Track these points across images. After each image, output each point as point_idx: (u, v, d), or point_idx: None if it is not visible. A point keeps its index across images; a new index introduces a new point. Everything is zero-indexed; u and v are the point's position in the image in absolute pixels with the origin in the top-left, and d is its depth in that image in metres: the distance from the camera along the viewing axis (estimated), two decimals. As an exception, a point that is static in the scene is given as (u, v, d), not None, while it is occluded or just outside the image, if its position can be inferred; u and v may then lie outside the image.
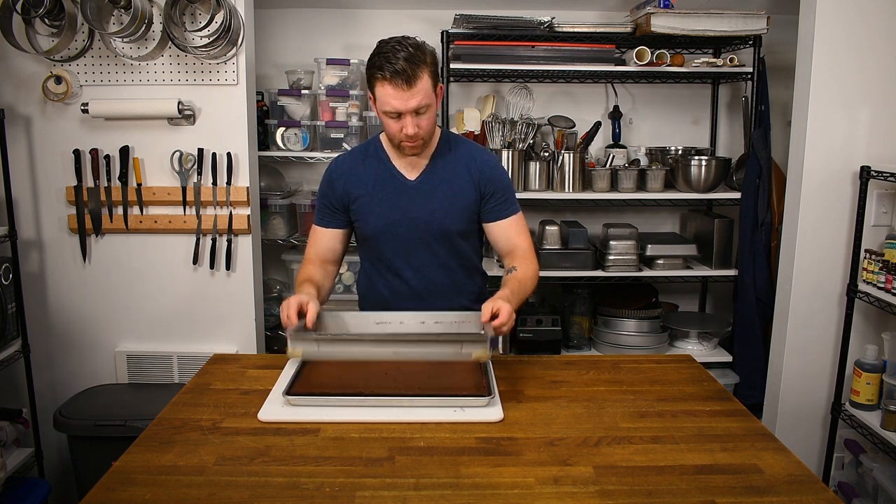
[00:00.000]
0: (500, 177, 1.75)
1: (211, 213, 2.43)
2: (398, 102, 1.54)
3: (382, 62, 1.53)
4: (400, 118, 1.57)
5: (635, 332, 2.74)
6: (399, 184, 1.72)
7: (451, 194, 1.71)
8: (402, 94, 1.53)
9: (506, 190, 1.74)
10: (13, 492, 2.21)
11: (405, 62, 1.51)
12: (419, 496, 1.12)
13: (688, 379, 1.63)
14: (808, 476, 1.20)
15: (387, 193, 1.71)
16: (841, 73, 2.31)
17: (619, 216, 3.07)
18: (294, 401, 1.43)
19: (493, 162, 1.77)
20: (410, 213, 1.70)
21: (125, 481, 1.17)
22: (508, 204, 1.74)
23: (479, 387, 1.48)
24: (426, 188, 1.71)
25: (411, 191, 1.71)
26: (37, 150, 2.40)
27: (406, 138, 1.60)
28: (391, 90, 1.53)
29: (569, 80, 3.01)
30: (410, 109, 1.55)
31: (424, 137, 1.63)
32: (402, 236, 1.72)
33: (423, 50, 1.57)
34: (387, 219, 1.71)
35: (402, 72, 1.51)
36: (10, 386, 2.46)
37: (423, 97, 1.55)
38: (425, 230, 1.71)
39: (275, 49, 2.96)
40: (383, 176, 1.72)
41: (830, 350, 2.45)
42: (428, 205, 1.70)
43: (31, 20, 2.23)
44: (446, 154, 1.74)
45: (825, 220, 2.39)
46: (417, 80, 1.53)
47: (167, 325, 2.49)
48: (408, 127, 1.57)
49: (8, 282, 2.24)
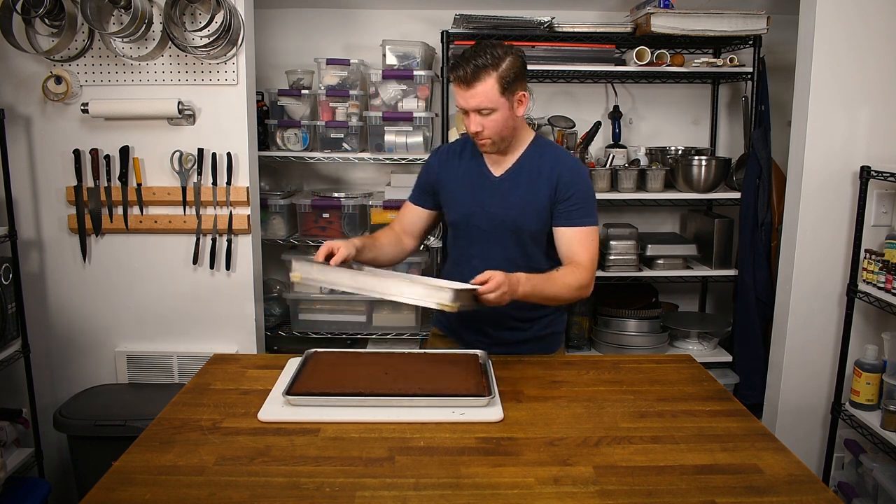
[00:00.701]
0: (578, 184, 1.74)
1: (211, 213, 2.43)
2: (461, 100, 1.67)
3: (455, 62, 1.66)
4: (467, 115, 1.68)
5: (635, 332, 2.74)
6: (484, 178, 1.79)
7: (530, 194, 1.75)
8: (463, 93, 1.66)
9: (581, 199, 1.73)
10: (13, 492, 2.21)
11: (472, 66, 1.62)
12: (419, 496, 1.13)
13: (688, 379, 1.63)
14: (808, 476, 1.20)
15: (472, 186, 1.80)
16: (841, 73, 2.31)
17: (619, 216, 3.07)
18: (294, 401, 1.43)
19: (576, 168, 1.78)
20: (489, 206, 1.77)
21: (125, 481, 1.17)
22: (581, 214, 1.73)
23: (479, 387, 1.48)
24: (507, 185, 1.77)
25: (493, 185, 1.78)
26: (37, 150, 2.40)
27: (475, 135, 1.70)
28: (456, 88, 1.67)
29: (569, 80, 3.01)
30: (471, 108, 1.66)
31: (491, 137, 1.70)
32: (478, 228, 1.78)
33: (497, 58, 1.62)
34: (467, 209, 1.79)
35: (463, 74, 1.63)
36: (10, 386, 2.46)
37: (482, 100, 1.63)
38: (500, 225, 1.76)
39: (275, 49, 2.96)
40: (472, 169, 1.81)
41: (830, 350, 2.45)
42: (506, 201, 1.76)
43: (31, 20, 2.22)
44: (534, 156, 1.78)
45: (825, 220, 2.39)
46: (477, 83, 1.62)
47: (167, 325, 2.49)
48: (470, 125, 1.68)
49: (8, 282, 2.24)
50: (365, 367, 1.61)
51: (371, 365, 1.62)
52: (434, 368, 1.60)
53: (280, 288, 3.02)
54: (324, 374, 1.56)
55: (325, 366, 1.61)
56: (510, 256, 1.77)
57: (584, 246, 1.72)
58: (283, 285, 3.02)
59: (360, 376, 1.55)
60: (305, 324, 2.86)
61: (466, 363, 1.63)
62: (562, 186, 1.73)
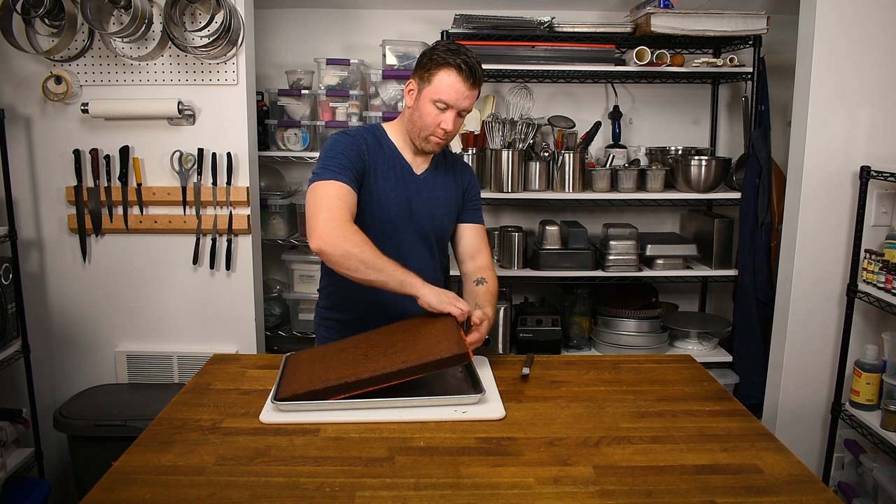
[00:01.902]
0: (477, 186, 1.88)
1: (211, 213, 2.43)
2: (456, 95, 1.59)
3: (457, 54, 1.59)
4: (445, 111, 1.61)
5: (635, 332, 2.74)
6: (409, 174, 1.73)
7: (449, 195, 1.78)
8: (464, 89, 1.59)
9: (479, 198, 1.88)
10: (13, 492, 2.21)
11: (477, 63, 1.61)
12: (419, 496, 1.12)
13: (688, 379, 1.63)
14: (808, 476, 1.20)
15: (398, 180, 1.71)
16: (841, 73, 2.31)
17: (619, 216, 3.07)
18: (284, 406, 1.39)
19: (473, 172, 1.91)
20: (417, 204, 1.72)
21: (125, 481, 1.17)
22: (480, 212, 1.87)
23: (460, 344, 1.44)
24: (431, 184, 1.75)
25: (419, 183, 1.74)
26: (37, 150, 2.40)
27: (441, 133, 1.64)
28: (456, 81, 1.58)
29: (569, 80, 3.01)
30: (461, 108, 1.61)
31: (450, 140, 1.69)
32: (407, 228, 1.72)
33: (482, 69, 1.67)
34: (399, 207, 1.69)
35: (474, 69, 1.59)
36: (10, 386, 2.46)
37: (472, 103, 1.63)
38: (428, 225, 1.74)
39: (275, 49, 2.96)
40: (395, 163, 1.72)
41: (830, 350, 2.45)
42: (433, 200, 1.75)
43: (31, 20, 2.23)
44: (441, 159, 1.81)
45: (825, 220, 2.39)
46: (477, 87, 1.62)
47: (167, 325, 2.50)
48: (448, 122, 1.62)
49: (8, 282, 2.24)
50: (343, 354, 1.52)
51: (348, 350, 1.54)
52: (411, 336, 1.51)
53: (280, 288, 3.02)
54: (305, 373, 1.49)
55: (305, 364, 1.54)
56: (433, 254, 1.79)
57: (485, 242, 1.85)
58: (283, 285, 3.02)
59: (342, 364, 1.46)
60: (305, 324, 2.86)
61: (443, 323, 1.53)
62: (470, 187, 1.84)
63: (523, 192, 2.75)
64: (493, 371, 1.62)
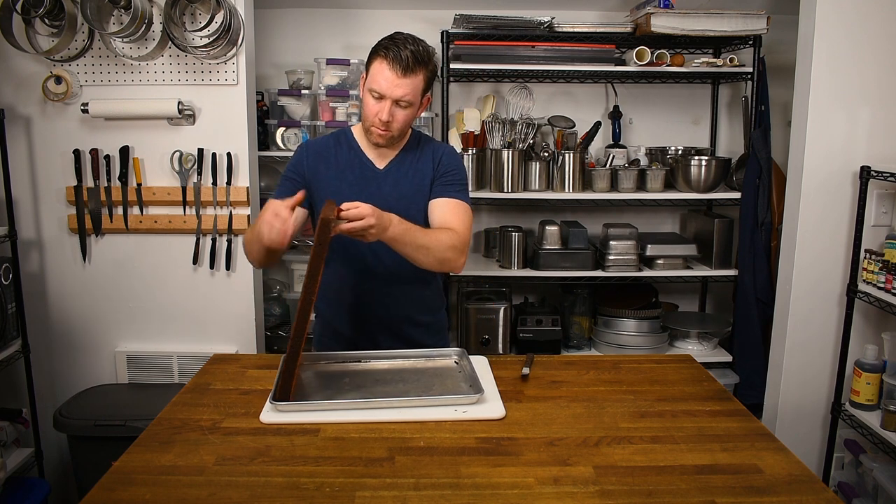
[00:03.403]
0: (453, 164, 1.77)
1: (211, 214, 2.43)
2: (387, 85, 1.58)
3: (390, 43, 1.59)
4: (381, 100, 1.61)
5: (635, 332, 2.74)
6: (368, 170, 1.73)
7: (418, 183, 1.74)
8: (395, 79, 1.58)
9: (457, 178, 1.75)
10: (13, 492, 2.21)
11: (410, 54, 1.58)
12: (419, 496, 1.12)
13: (688, 379, 1.63)
14: (808, 476, 1.20)
15: (356, 178, 1.72)
16: (841, 73, 2.31)
17: (619, 216, 3.07)
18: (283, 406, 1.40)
19: (454, 153, 1.81)
20: (378, 199, 1.67)
21: (125, 481, 1.17)
22: (456, 189, 1.74)
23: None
24: (394, 176, 1.73)
25: (380, 178, 1.73)
26: (37, 150, 2.40)
27: (379, 124, 1.62)
28: (386, 71, 1.58)
29: (569, 80, 3.01)
30: (394, 97, 1.59)
31: (394, 132, 1.65)
32: None
33: (429, 55, 1.64)
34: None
35: (404, 59, 1.57)
36: (10, 386, 2.46)
37: (409, 91, 1.60)
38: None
39: (275, 49, 2.96)
40: (353, 162, 1.73)
41: (830, 350, 2.45)
42: (395, 192, 1.72)
43: (31, 20, 2.23)
44: (414, 149, 1.77)
45: (825, 220, 2.39)
46: (411, 75, 1.59)
47: (167, 325, 2.50)
48: (383, 112, 1.60)
49: (8, 282, 2.24)
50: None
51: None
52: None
53: (280, 288, 3.02)
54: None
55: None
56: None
57: (457, 216, 1.70)
58: (283, 285, 3.02)
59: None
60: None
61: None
62: (441, 166, 1.75)
63: (523, 192, 2.74)
64: (493, 371, 1.62)
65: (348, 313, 1.79)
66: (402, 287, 1.77)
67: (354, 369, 1.61)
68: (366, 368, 1.62)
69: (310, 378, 1.57)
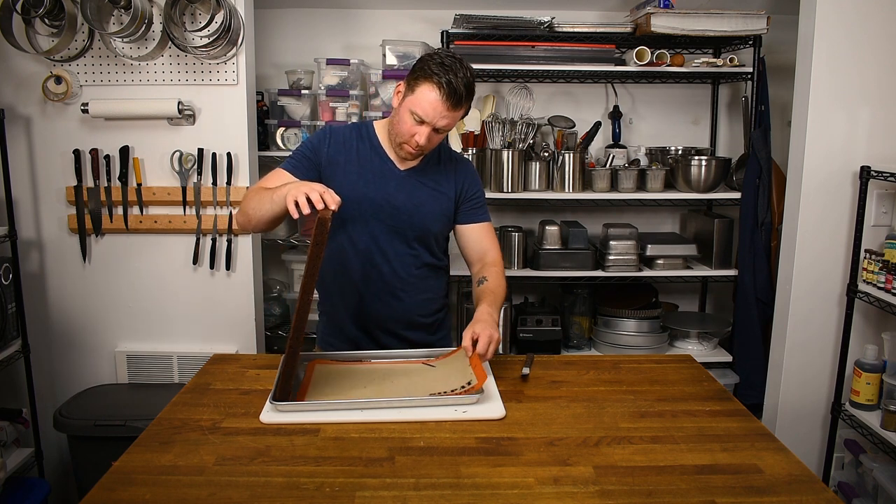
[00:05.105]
0: (477, 184, 1.82)
1: (211, 214, 2.43)
2: (433, 114, 1.56)
3: (445, 70, 1.53)
4: (421, 125, 1.58)
5: (635, 332, 2.74)
6: (388, 170, 1.71)
7: (437, 193, 1.73)
8: (442, 109, 1.55)
9: (481, 198, 1.82)
10: (13, 492, 2.21)
11: (464, 87, 1.55)
12: (419, 496, 1.12)
13: (688, 379, 1.63)
14: (808, 476, 1.20)
15: (375, 176, 1.69)
16: (841, 73, 2.31)
17: (619, 216, 3.07)
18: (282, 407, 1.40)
19: (474, 171, 1.85)
20: (396, 200, 1.69)
21: (125, 481, 1.17)
22: (483, 211, 1.82)
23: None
24: (414, 181, 1.72)
25: (400, 179, 1.71)
26: (37, 150, 2.40)
27: (413, 144, 1.62)
28: (435, 99, 1.54)
29: (569, 80, 3.01)
30: (437, 126, 1.58)
31: (426, 152, 1.67)
32: (383, 222, 1.70)
33: (473, 86, 1.60)
34: (373, 202, 1.68)
35: (457, 91, 1.54)
36: (10, 386, 2.46)
37: (452, 122, 1.60)
38: (407, 222, 1.70)
39: (275, 49, 2.96)
40: (373, 160, 1.71)
41: (830, 350, 2.45)
42: (414, 197, 1.71)
43: (31, 20, 2.23)
44: (435, 157, 1.76)
45: (825, 220, 2.39)
46: (460, 108, 1.58)
47: (167, 325, 2.50)
48: (422, 137, 1.59)
49: (8, 282, 2.24)
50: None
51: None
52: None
53: (280, 288, 3.02)
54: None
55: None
56: (415, 254, 1.74)
57: (491, 238, 1.82)
58: (283, 285, 3.02)
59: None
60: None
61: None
62: (466, 187, 1.78)
63: (523, 192, 2.74)
64: (493, 371, 1.61)
65: (352, 313, 1.78)
66: (406, 288, 1.76)
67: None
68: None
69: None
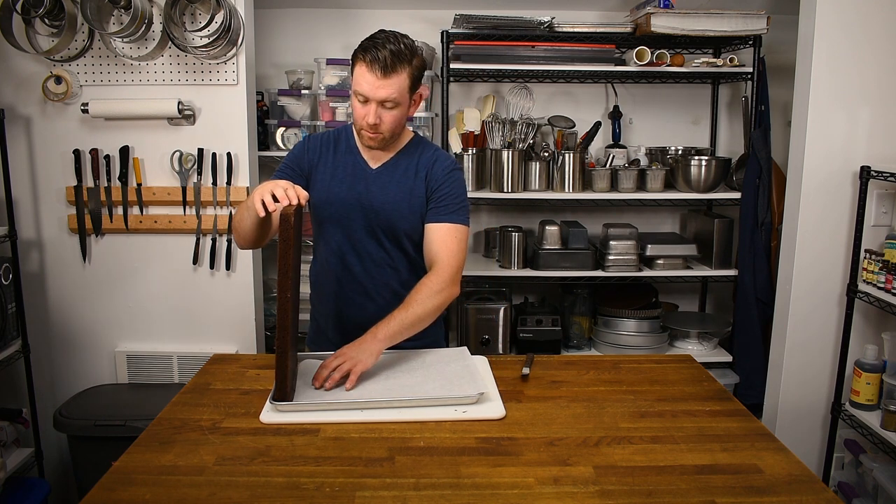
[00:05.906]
0: (451, 182, 1.71)
1: (211, 214, 2.43)
2: (368, 88, 1.56)
3: (369, 45, 1.56)
4: (367, 104, 1.59)
5: (635, 332, 2.74)
6: (360, 170, 1.72)
7: (407, 190, 1.70)
8: (375, 80, 1.55)
9: (452, 196, 1.69)
10: (13, 492, 2.21)
11: (389, 54, 1.54)
12: (419, 496, 1.13)
13: (688, 379, 1.63)
14: (808, 476, 1.20)
15: (347, 176, 1.71)
16: (841, 73, 2.31)
17: (619, 216, 3.07)
18: (283, 407, 1.40)
19: (450, 165, 1.73)
20: (365, 199, 1.69)
21: (125, 481, 1.17)
22: (448, 210, 1.68)
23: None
24: (384, 178, 1.71)
25: (370, 178, 1.71)
26: (37, 150, 2.40)
27: (367, 126, 1.61)
28: (367, 73, 1.55)
29: (569, 80, 3.01)
30: (378, 99, 1.57)
31: (385, 133, 1.63)
32: (354, 221, 1.70)
33: (413, 51, 1.59)
34: (345, 204, 1.70)
35: (382, 60, 1.54)
36: (10, 386, 2.46)
37: (393, 92, 1.56)
38: (375, 220, 1.69)
39: (275, 49, 2.96)
40: (348, 162, 1.73)
41: (830, 350, 2.45)
42: (382, 195, 1.70)
43: (31, 20, 2.23)
44: (412, 154, 1.74)
45: (825, 220, 2.39)
46: (393, 75, 1.55)
47: (167, 325, 2.50)
48: (370, 115, 1.58)
49: (8, 282, 2.24)
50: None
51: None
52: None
53: (280, 288, 3.01)
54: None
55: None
56: (388, 254, 1.72)
57: (446, 245, 1.66)
58: (283, 285, 3.02)
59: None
60: (305, 324, 2.85)
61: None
62: (432, 181, 1.70)
63: (523, 192, 2.74)
64: (493, 371, 1.62)
65: (332, 315, 1.79)
66: (379, 289, 1.74)
67: None
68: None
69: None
